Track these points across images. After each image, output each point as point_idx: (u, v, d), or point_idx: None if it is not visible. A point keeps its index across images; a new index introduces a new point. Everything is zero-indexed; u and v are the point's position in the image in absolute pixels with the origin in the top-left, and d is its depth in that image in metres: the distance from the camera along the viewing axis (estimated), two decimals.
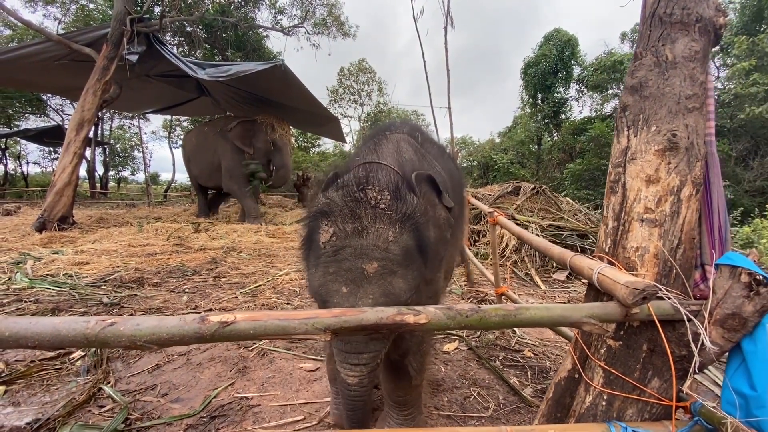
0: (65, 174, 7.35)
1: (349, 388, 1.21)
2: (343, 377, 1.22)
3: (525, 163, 20.34)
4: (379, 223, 1.17)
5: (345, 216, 1.19)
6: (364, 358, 1.19)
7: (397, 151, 1.63)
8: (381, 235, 1.16)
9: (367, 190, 1.23)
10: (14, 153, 25.93)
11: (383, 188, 1.24)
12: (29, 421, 1.88)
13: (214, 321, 0.83)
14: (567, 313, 1.02)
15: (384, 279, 1.13)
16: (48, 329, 0.79)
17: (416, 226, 1.23)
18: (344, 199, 1.22)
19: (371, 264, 1.13)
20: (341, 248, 1.16)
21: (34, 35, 13.57)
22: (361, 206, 1.19)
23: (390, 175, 1.33)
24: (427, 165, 1.71)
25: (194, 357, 2.64)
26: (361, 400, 1.24)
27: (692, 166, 1.22)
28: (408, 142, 1.75)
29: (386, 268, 1.14)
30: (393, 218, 1.19)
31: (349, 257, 1.15)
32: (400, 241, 1.17)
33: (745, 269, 1.03)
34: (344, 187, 1.26)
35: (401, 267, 1.17)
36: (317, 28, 18.08)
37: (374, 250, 1.14)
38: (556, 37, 18.52)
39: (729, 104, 11.62)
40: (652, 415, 1.14)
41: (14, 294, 3.58)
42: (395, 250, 1.16)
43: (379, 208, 1.19)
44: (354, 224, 1.17)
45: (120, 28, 7.57)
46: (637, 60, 1.33)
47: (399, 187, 1.26)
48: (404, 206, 1.22)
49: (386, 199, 1.21)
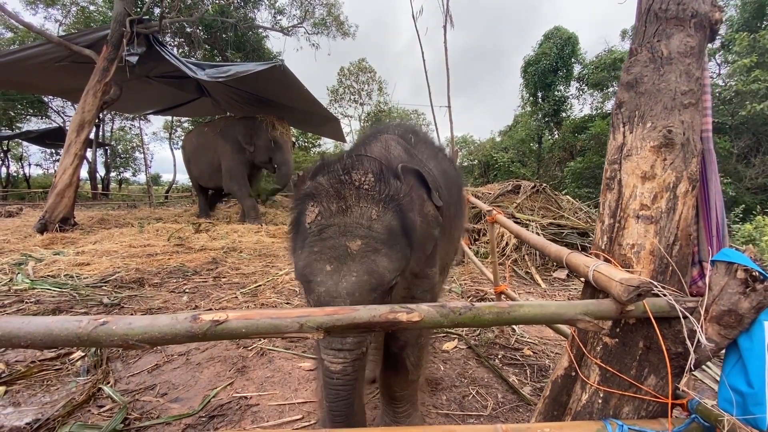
0: (66, 175, 7.37)
1: (332, 375, 1.16)
2: (326, 365, 1.17)
3: (526, 161, 20.30)
4: (363, 202, 1.20)
5: (330, 196, 1.22)
6: (348, 343, 1.16)
7: (386, 148, 1.67)
8: (365, 213, 1.18)
9: (353, 173, 1.26)
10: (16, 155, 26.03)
11: (367, 171, 1.27)
12: (29, 421, 1.89)
13: (205, 320, 0.83)
14: (561, 310, 1.02)
15: (367, 257, 1.14)
16: (40, 329, 0.79)
17: (400, 208, 1.25)
18: (329, 181, 1.25)
19: (355, 241, 1.14)
20: (326, 227, 1.18)
21: (35, 37, 13.59)
22: (345, 187, 1.22)
23: (375, 162, 1.36)
24: (416, 163, 1.72)
25: (193, 357, 2.65)
26: (345, 391, 1.17)
27: (688, 162, 1.21)
28: (398, 142, 1.79)
29: (369, 245, 1.15)
30: (376, 198, 1.22)
31: (333, 235, 1.16)
32: (383, 219, 1.19)
33: (741, 265, 1.02)
34: (330, 171, 1.30)
35: (385, 245, 1.18)
36: (317, 28, 18.08)
37: (358, 228, 1.16)
38: (556, 35, 18.46)
39: (730, 101, 11.57)
40: (648, 412, 1.13)
41: (15, 295, 3.60)
42: (379, 228, 1.18)
43: (363, 189, 1.22)
44: (338, 203, 1.20)
45: (120, 29, 7.57)
46: (633, 56, 1.32)
47: (383, 171, 1.29)
48: (387, 188, 1.25)
49: (370, 180, 1.24)
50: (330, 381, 1.17)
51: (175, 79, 10.04)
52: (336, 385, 1.17)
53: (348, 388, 1.18)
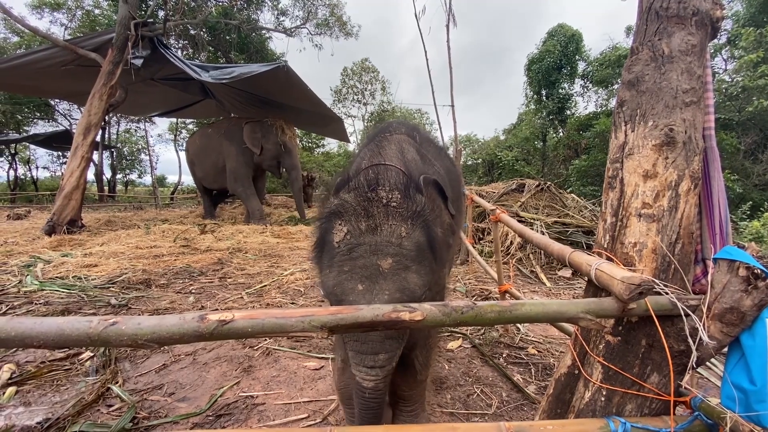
0: (73, 178, 7.46)
1: (364, 391, 1.19)
2: (358, 380, 1.20)
3: (530, 159, 20.21)
4: (392, 220, 1.20)
5: (358, 215, 1.22)
6: (380, 360, 1.18)
7: (401, 151, 1.66)
8: (394, 231, 1.19)
9: (378, 189, 1.26)
10: (24, 158, 26.28)
11: (393, 188, 1.27)
12: (40, 420, 1.92)
13: (212, 320, 0.85)
14: (563, 308, 1.03)
15: (398, 275, 1.15)
16: (52, 329, 0.81)
17: (426, 224, 1.26)
18: (357, 199, 1.26)
19: (386, 260, 1.15)
20: (356, 246, 1.18)
21: (41, 41, 13.75)
22: (373, 205, 1.23)
23: (398, 175, 1.36)
24: (427, 165, 1.74)
25: (200, 357, 2.68)
26: (376, 403, 1.21)
27: (690, 160, 1.21)
28: (409, 143, 1.78)
29: (400, 263, 1.16)
30: (405, 215, 1.22)
31: (364, 254, 1.16)
32: (412, 237, 1.20)
33: (743, 263, 1.02)
34: (356, 188, 1.30)
35: (414, 262, 1.18)
36: (319, 29, 18.11)
37: (388, 246, 1.16)
38: (560, 32, 18.35)
39: (737, 97, 11.44)
40: (651, 410, 1.14)
41: (25, 296, 3.65)
42: (408, 245, 1.18)
43: (391, 206, 1.22)
44: (368, 222, 1.20)
45: (125, 32, 7.65)
46: (634, 55, 1.33)
47: (408, 186, 1.29)
48: (414, 204, 1.25)
49: (397, 198, 1.24)
50: (363, 395, 1.21)
51: (179, 81, 10.12)
52: (369, 399, 1.20)
53: (379, 401, 1.22)
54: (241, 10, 16.39)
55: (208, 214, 10.90)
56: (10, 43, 17.96)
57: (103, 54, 7.76)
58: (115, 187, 24.98)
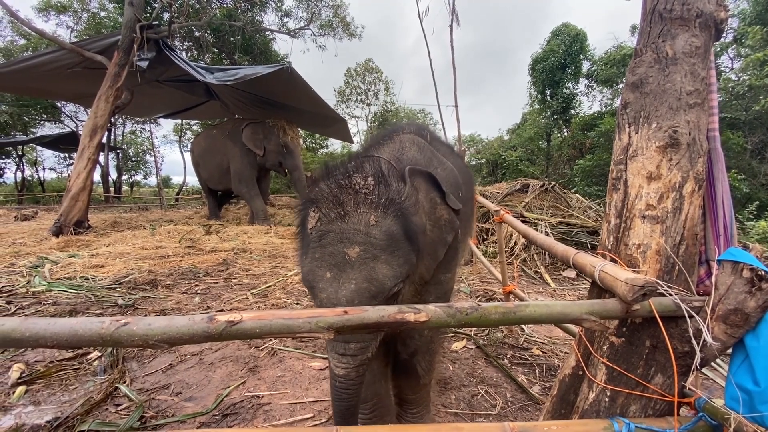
0: (80, 179, 7.53)
1: (336, 378, 1.20)
2: (331, 367, 1.21)
3: (534, 160, 20.15)
4: (361, 207, 1.18)
5: (329, 201, 1.20)
6: (351, 348, 1.17)
7: (400, 149, 1.63)
8: (362, 219, 1.16)
9: (353, 177, 1.24)
10: (31, 159, 26.57)
11: (368, 175, 1.24)
12: (49, 419, 1.95)
13: (221, 320, 0.86)
14: (567, 310, 1.03)
15: (366, 264, 1.13)
16: (65, 329, 0.83)
17: (402, 212, 1.21)
18: (329, 186, 1.24)
19: (353, 248, 1.13)
20: (325, 233, 1.17)
21: (47, 44, 13.90)
22: (344, 192, 1.21)
23: (380, 164, 1.33)
24: (436, 162, 1.70)
25: (206, 357, 2.70)
26: (348, 394, 1.20)
27: (694, 162, 1.22)
28: (414, 142, 1.74)
29: (368, 252, 1.13)
30: (375, 202, 1.19)
31: (332, 242, 1.15)
32: (382, 225, 1.16)
33: (747, 265, 1.02)
34: (332, 176, 1.29)
35: (384, 252, 1.15)
36: (323, 30, 18.14)
37: (355, 234, 1.14)
38: (564, 31, 18.29)
39: (743, 96, 11.33)
40: (655, 411, 1.14)
41: (33, 297, 3.70)
42: (377, 234, 1.15)
43: (361, 193, 1.20)
44: (337, 209, 1.18)
45: (130, 35, 7.71)
46: (638, 57, 1.33)
47: (385, 174, 1.26)
48: (388, 191, 1.22)
49: (369, 184, 1.21)
50: (334, 383, 1.21)
51: (184, 82, 10.19)
52: (339, 388, 1.20)
53: (350, 391, 1.20)
54: (245, 11, 16.45)
55: (213, 215, 10.95)
56: (17, 46, 18.17)
57: (109, 56, 7.83)
58: (120, 188, 25.16)
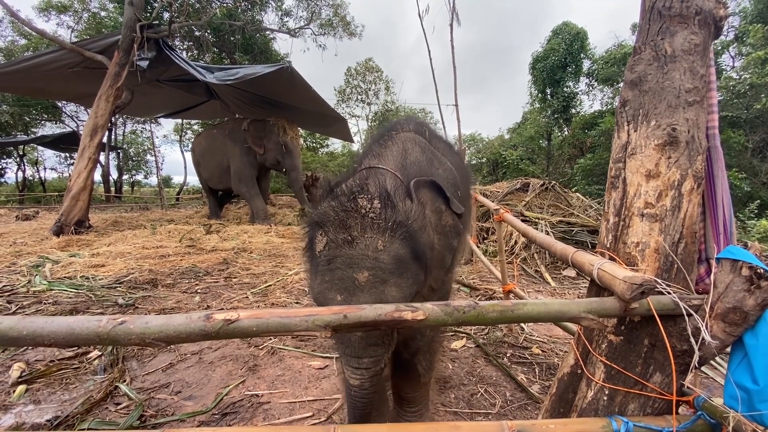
0: (81, 179, 7.54)
1: (351, 389, 1.24)
2: (346, 377, 1.25)
3: (535, 159, 20.14)
4: (369, 233, 1.18)
5: (336, 226, 1.20)
6: (365, 362, 1.21)
7: (403, 153, 1.62)
8: (370, 244, 1.16)
9: (358, 199, 1.22)
10: (32, 159, 26.62)
11: (373, 197, 1.23)
12: (49, 418, 1.96)
13: (218, 319, 0.86)
14: (565, 308, 1.03)
15: (376, 288, 1.14)
16: (62, 328, 0.83)
17: (409, 234, 1.21)
18: (335, 209, 1.23)
19: (362, 273, 1.14)
20: (333, 258, 1.18)
21: (48, 44, 13.91)
22: (350, 216, 1.20)
23: (385, 181, 1.33)
24: (437, 162, 1.70)
25: (206, 356, 2.70)
26: (362, 402, 1.25)
27: (693, 159, 1.21)
28: (415, 141, 1.73)
29: (377, 277, 1.14)
30: (382, 227, 1.18)
31: (341, 267, 1.16)
32: (390, 249, 1.17)
33: (746, 263, 1.02)
34: (337, 197, 1.28)
35: (393, 275, 1.16)
36: (323, 29, 18.14)
37: (364, 260, 1.15)
38: (564, 30, 18.27)
39: (744, 95, 11.31)
40: (654, 409, 1.14)
41: (34, 296, 3.70)
42: (385, 259, 1.16)
43: (368, 218, 1.19)
44: (344, 234, 1.18)
45: (130, 34, 7.72)
46: (637, 54, 1.33)
47: (391, 194, 1.25)
48: (395, 214, 1.21)
49: (376, 208, 1.20)
50: (350, 392, 1.26)
51: (184, 82, 10.20)
52: (355, 397, 1.25)
53: (365, 399, 1.26)
54: (245, 11, 16.46)
55: (213, 215, 10.96)
56: (17, 46, 18.20)
57: (110, 56, 7.84)
58: (121, 187, 25.20)
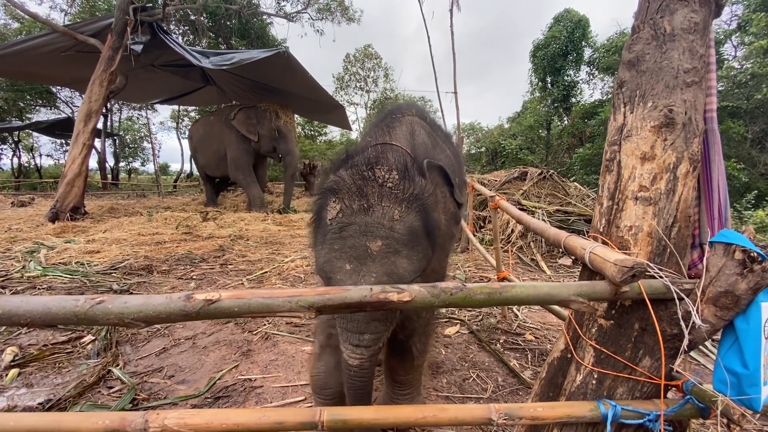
0: (75, 165, 7.48)
1: (350, 369, 1.21)
2: (344, 358, 1.22)
3: (534, 148, 20.05)
4: (386, 202, 1.17)
5: (352, 193, 1.19)
6: (365, 339, 1.18)
7: (411, 133, 1.62)
8: (387, 213, 1.15)
9: (376, 168, 1.22)
10: (27, 145, 26.36)
11: (392, 168, 1.22)
12: (41, 401, 1.96)
13: (199, 299, 0.84)
14: (554, 291, 1.02)
15: (388, 258, 1.12)
16: (39, 307, 0.81)
17: (424, 208, 1.21)
18: (352, 177, 1.22)
19: (375, 242, 1.12)
20: (346, 225, 1.16)
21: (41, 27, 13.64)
22: (368, 184, 1.19)
23: (401, 156, 1.31)
24: (439, 150, 1.71)
25: (200, 341, 2.71)
26: (361, 382, 1.23)
27: (689, 142, 1.18)
28: (421, 125, 1.74)
29: (390, 247, 1.13)
30: (400, 197, 1.18)
31: (354, 234, 1.14)
32: (406, 220, 1.16)
33: (740, 246, 1.00)
34: (354, 166, 1.26)
35: (406, 247, 1.15)
36: (321, 14, 17.79)
37: (379, 228, 1.13)
38: (566, 17, 18.01)
39: (746, 84, 11.21)
40: (643, 393, 1.13)
41: (28, 282, 3.69)
42: (400, 229, 1.15)
43: (386, 187, 1.18)
44: (360, 201, 1.17)
45: (123, 17, 7.56)
46: (635, 33, 1.29)
47: (408, 167, 1.24)
48: (412, 186, 1.21)
49: (394, 178, 1.20)
50: (348, 373, 1.22)
51: (180, 67, 10.04)
52: (354, 377, 1.22)
53: (364, 379, 1.24)
54: None
55: (210, 202, 10.93)
56: (10, 29, 17.83)
57: (103, 39, 7.69)
58: (118, 175, 25.04)
